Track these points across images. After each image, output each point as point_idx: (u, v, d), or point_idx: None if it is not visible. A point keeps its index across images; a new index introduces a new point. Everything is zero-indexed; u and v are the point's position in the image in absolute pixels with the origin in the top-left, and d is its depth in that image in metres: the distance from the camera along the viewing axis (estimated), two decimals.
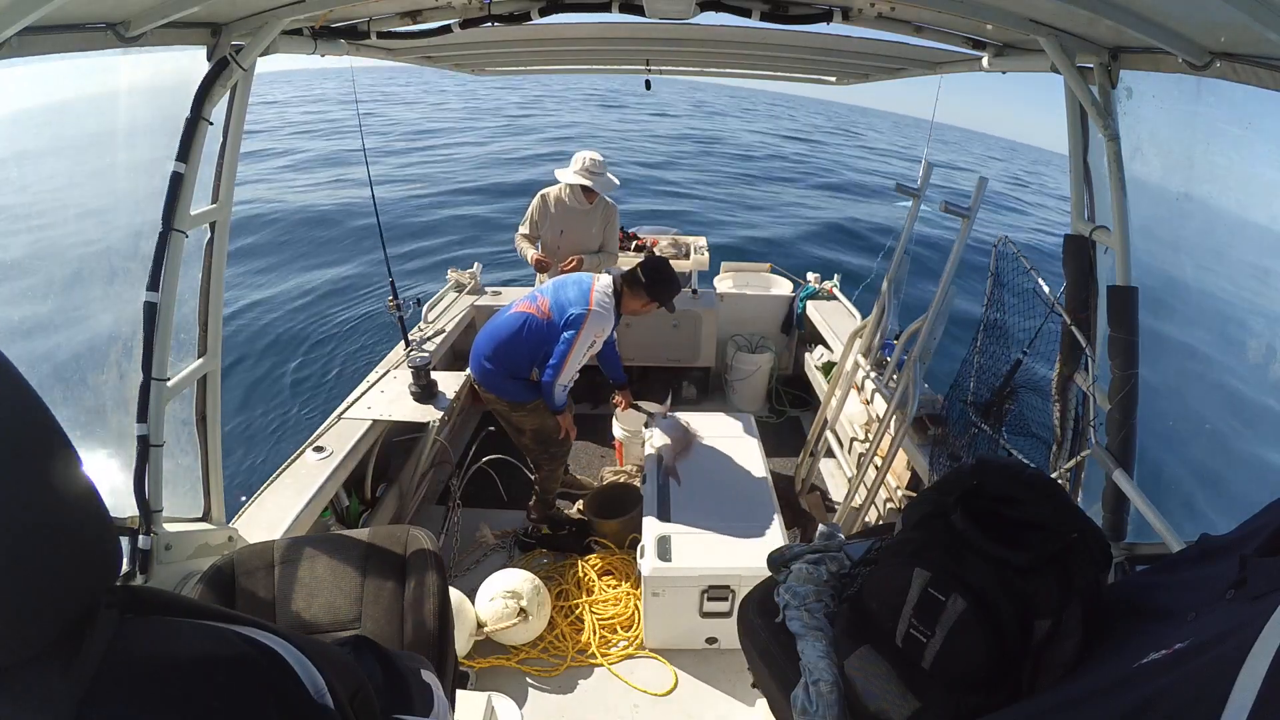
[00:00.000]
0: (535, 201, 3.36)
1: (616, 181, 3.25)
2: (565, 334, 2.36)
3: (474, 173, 15.29)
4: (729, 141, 26.75)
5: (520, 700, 1.99)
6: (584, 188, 3.13)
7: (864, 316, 2.94)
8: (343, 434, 2.51)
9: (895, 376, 2.62)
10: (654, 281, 2.45)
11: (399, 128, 23.77)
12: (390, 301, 3.06)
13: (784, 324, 4.29)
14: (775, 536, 2.19)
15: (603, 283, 2.43)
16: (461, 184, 13.94)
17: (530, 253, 3.30)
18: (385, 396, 2.69)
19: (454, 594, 2.04)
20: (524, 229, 3.39)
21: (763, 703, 1.59)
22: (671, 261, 4.28)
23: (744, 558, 2.09)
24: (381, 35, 1.83)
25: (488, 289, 4.13)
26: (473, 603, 2.24)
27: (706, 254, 4.33)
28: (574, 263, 3.16)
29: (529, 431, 2.64)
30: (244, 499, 2.14)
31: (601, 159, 3.15)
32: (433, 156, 17.59)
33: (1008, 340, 2.17)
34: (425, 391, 2.64)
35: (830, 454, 3.07)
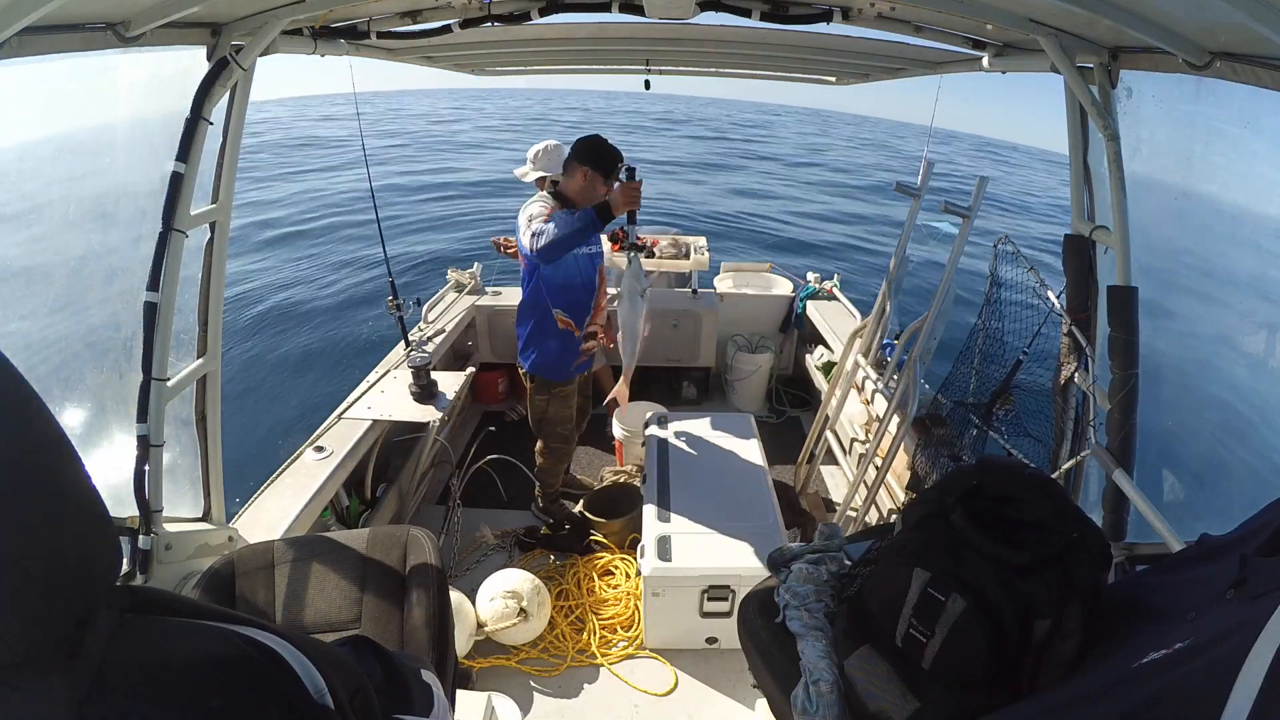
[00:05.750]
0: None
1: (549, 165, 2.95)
2: (518, 243, 2.33)
3: None
4: None
5: (520, 700, 1.99)
6: (539, 182, 2.98)
7: (864, 316, 2.94)
8: (343, 434, 2.51)
9: (895, 376, 2.62)
10: (578, 150, 2.31)
11: None
12: (390, 301, 3.06)
13: (784, 324, 4.29)
14: (775, 536, 2.19)
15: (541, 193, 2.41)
16: None
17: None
18: (385, 396, 2.69)
19: (454, 594, 2.04)
20: None
21: (763, 703, 1.59)
22: (671, 261, 4.31)
23: (744, 558, 2.08)
24: (381, 35, 1.83)
25: (488, 289, 4.13)
26: (473, 603, 2.24)
27: (706, 254, 4.34)
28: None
29: (534, 419, 2.70)
30: (238, 500, 2.14)
31: (547, 146, 2.92)
32: None
33: (1004, 341, 2.18)
34: (425, 391, 2.64)
35: (830, 454, 3.07)
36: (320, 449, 2.40)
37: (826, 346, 3.82)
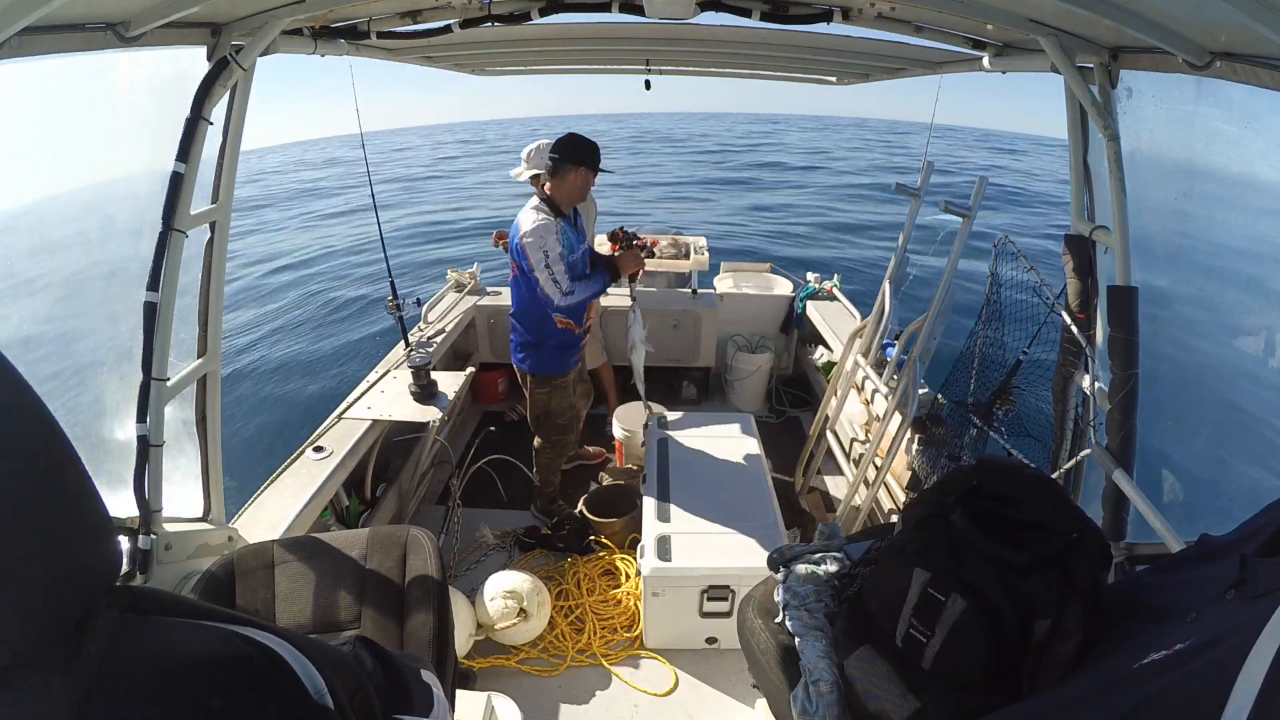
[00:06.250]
0: None
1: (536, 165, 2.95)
2: (524, 266, 2.40)
3: None
4: None
5: (520, 700, 1.99)
6: (534, 179, 2.94)
7: (864, 316, 2.94)
8: (343, 434, 2.51)
9: (895, 376, 2.62)
10: (566, 153, 2.39)
11: None
12: (390, 301, 3.06)
13: (784, 324, 4.29)
14: (775, 536, 2.19)
15: (530, 203, 2.45)
16: None
17: None
18: (385, 396, 2.69)
19: (454, 594, 2.04)
20: None
21: (763, 703, 1.59)
22: (671, 261, 4.31)
23: (744, 558, 2.08)
24: (381, 35, 1.83)
25: (488, 289, 4.13)
26: (473, 603, 2.24)
27: (706, 254, 4.34)
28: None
29: (533, 414, 2.73)
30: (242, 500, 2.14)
31: (540, 145, 2.96)
32: None
33: (1004, 343, 2.18)
34: (425, 391, 2.64)
35: (830, 454, 3.07)
36: (320, 449, 2.40)
37: (826, 346, 3.82)
